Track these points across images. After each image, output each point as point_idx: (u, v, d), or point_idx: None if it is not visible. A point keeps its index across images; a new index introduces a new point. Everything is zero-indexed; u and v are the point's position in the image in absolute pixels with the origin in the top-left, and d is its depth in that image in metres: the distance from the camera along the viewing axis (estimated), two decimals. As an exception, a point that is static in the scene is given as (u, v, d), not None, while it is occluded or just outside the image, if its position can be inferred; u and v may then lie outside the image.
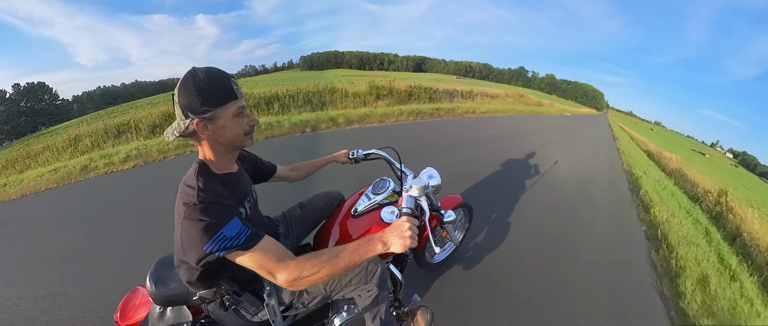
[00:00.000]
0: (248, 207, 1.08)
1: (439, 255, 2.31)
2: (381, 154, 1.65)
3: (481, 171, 4.66)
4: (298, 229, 1.56)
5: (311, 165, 1.66)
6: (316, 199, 1.67)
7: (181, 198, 0.89)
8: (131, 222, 3.12)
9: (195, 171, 0.95)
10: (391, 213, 1.40)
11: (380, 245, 0.94)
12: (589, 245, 3.04)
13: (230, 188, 1.00)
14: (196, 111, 0.87)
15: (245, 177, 1.17)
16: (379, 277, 1.25)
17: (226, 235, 0.83)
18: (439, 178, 1.64)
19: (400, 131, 7.63)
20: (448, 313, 1.99)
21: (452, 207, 1.96)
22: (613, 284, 2.51)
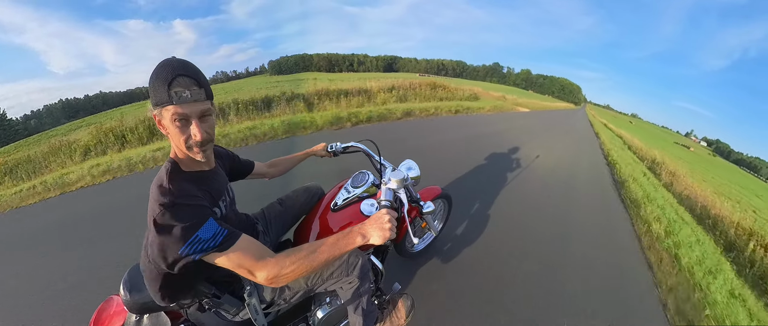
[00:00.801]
0: (224, 207, 1.08)
1: (418, 245, 2.43)
2: (360, 147, 1.70)
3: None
4: (278, 226, 1.59)
5: (290, 160, 1.70)
6: (296, 195, 1.69)
7: (152, 200, 0.87)
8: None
9: (166, 170, 0.93)
10: (370, 205, 1.48)
11: (359, 237, 0.98)
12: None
13: (204, 187, 0.99)
14: (153, 101, 0.87)
15: (221, 174, 1.16)
16: (360, 269, 1.30)
17: (201, 237, 0.84)
18: (418, 170, 1.72)
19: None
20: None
21: (431, 199, 2.07)
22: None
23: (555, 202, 4.11)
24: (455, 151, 5.97)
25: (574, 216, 3.81)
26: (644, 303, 2.51)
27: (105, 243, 2.79)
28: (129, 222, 3.08)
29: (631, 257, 3.17)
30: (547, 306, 2.25)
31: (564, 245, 3.08)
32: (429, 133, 7.47)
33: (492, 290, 2.32)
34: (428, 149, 5.85)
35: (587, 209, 4.21)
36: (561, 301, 2.32)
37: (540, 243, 3.01)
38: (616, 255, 3.13)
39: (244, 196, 1.56)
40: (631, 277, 2.82)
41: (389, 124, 8.19)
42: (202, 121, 0.91)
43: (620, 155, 10.28)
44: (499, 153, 6.12)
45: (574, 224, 3.60)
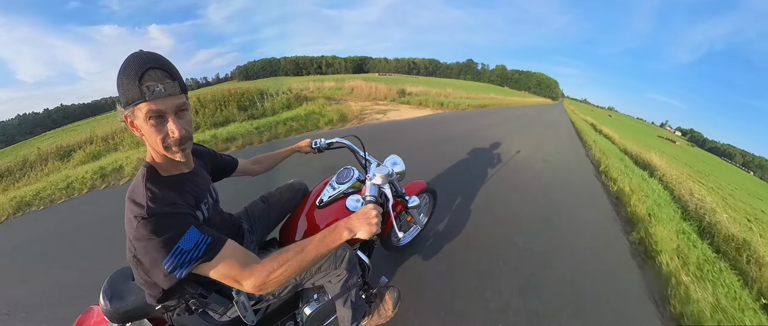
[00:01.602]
0: (206, 209, 1.08)
1: (404, 238, 2.58)
2: (344, 143, 1.77)
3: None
4: (263, 224, 1.62)
5: (274, 156, 1.73)
6: (280, 192, 1.73)
7: (129, 211, 0.86)
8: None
9: (142, 177, 0.92)
10: (356, 201, 1.53)
11: (346, 232, 1.00)
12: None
13: (184, 191, 0.99)
14: (121, 101, 0.84)
15: (202, 175, 1.16)
16: (348, 261, 1.37)
17: (183, 248, 0.83)
18: (402, 165, 1.81)
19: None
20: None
21: (416, 193, 2.21)
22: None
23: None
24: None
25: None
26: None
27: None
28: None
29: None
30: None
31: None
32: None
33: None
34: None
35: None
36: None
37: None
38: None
39: (225, 193, 1.45)
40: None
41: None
42: (179, 116, 0.89)
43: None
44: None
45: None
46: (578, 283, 2.59)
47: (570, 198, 4.56)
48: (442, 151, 6.02)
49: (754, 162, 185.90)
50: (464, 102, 18.79)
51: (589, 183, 5.75)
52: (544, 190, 4.67)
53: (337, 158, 2.40)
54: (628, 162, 9.77)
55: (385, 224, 1.40)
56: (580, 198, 4.69)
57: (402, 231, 1.32)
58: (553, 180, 5.34)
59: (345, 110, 9.75)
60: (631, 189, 5.10)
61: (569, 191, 4.96)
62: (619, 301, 2.47)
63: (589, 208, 4.36)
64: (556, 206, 4.13)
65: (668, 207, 5.39)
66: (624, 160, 10.10)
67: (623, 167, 7.74)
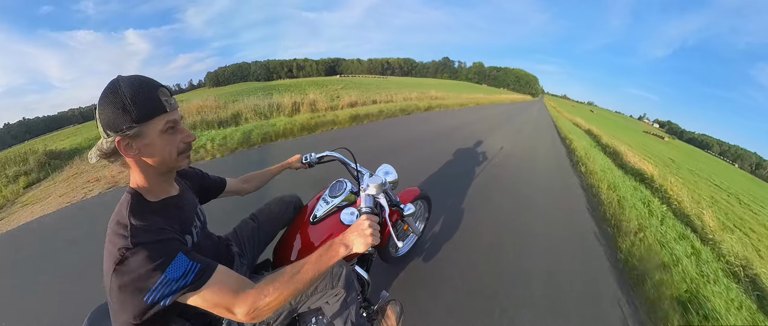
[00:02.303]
0: (196, 233, 1.09)
1: (402, 248, 2.58)
2: (335, 156, 1.79)
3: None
4: (254, 245, 1.60)
5: (264, 174, 1.73)
6: (269, 208, 1.72)
7: (111, 241, 0.84)
8: None
9: (126, 204, 0.91)
10: (350, 214, 1.56)
11: (342, 248, 1.01)
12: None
13: (172, 216, 0.99)
14: (118, 127, 0.85)
15: (189, 198, 1.17)
16: (345, 279, 1.34)
17: (170, 277, 0.81)
18: (395, 174, 1.85)
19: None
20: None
21: (411, 200, 2.22)
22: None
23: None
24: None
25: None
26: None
27: None
28: None
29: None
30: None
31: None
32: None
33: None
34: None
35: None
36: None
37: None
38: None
39: (211, 212, 1.41)
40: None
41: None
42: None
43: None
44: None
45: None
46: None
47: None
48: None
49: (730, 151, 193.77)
50: (429, 104, 16.72)
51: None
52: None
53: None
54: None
55: (382, 235, 1.31)
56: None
57: (400, 240, 1.32)
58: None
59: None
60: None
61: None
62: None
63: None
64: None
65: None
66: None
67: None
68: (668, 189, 7.25)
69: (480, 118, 15.25)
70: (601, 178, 5.93)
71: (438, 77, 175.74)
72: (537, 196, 4.64)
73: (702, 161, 51.92)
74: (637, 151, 17.81)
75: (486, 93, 49.78)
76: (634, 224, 3.86)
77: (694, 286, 2.82)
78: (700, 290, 2.77)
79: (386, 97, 16.25)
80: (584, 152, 8.96)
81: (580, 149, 9.47)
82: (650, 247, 3.32)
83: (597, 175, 6.19)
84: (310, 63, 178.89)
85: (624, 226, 3.77)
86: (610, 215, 4.17)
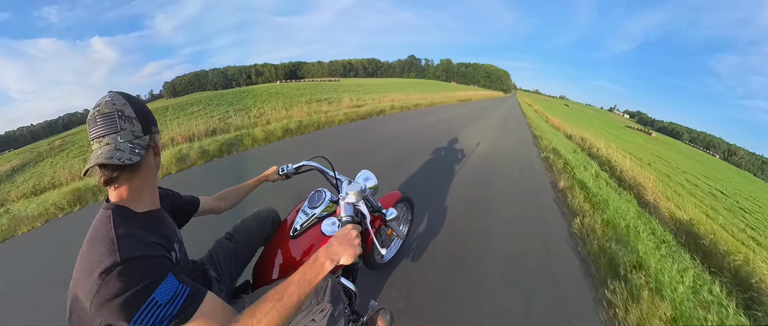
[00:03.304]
0: (178, 250, 1.09)
1: (388, 254, 2.58)
2: (313, 165, 1.84)
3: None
4: (231, 266, 1.59)
5: (240, 189, 1.74)
6: (246, 225, 1.72)
7: (89, 259, 0.81)
8: None
9: (108, 219, 0.89)
10: (331, 224, 1.59)
11: (328, 262, 1.02)
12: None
13: (156, 229, 0.98)
14: (155, 123, 0.99)
15: (167, 215, 1.17)
16: (330, 292, 1.34)
17: (158, 301, 0.78)
18: (375, 179, 1.88)
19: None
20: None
21: (393, 204, 2.27)
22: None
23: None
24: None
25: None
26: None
27: None
28: None
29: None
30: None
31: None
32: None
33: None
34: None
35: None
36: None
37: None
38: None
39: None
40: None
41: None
42: None
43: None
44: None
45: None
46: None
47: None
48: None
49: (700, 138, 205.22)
50: (383, 107, 15.15)
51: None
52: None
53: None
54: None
55: (365, 242, 1.51)
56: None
57: (384, 246, 1.34)
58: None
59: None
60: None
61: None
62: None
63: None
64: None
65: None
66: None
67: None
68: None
69: (437, 121, 12.94)
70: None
71: (405, 77, 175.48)
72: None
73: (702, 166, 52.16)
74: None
75: (450, 90, 47.91)
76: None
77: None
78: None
79: (317, 109, 13.46)
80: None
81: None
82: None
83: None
84: (269, 68, 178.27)
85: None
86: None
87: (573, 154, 9.74)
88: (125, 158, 0.86)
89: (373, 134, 9.19)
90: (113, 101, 0.89)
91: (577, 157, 9.48)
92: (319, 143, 7.87)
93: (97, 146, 0.88)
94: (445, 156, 6.88)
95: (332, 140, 8.25)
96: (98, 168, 0.86)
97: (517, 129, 15.15)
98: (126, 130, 0.89)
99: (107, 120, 0.87)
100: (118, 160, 0.85)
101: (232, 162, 6.06)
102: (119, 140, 0.88)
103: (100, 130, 0.87)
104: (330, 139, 8.31)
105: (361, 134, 9.11)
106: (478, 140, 9.25)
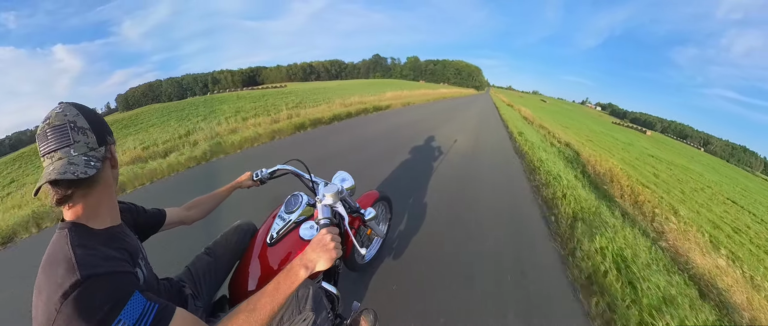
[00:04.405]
0: (144, 267, 1.08)
1: (368, 254, 2.72)
2: (288, 168, 1.91)
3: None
4: (210, 281, 1.60)
5: (212, 197, 1.74)
6: (226, 238, 1.74)
7: (48, 285, 0.79)
8: None
9: (64, 238, 0.86)
10: (309, 228, 1.63)
11: (303, 270, 1.04)
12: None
13: (119, 245, 0.97)
14: (111, 133, 1.00)
15: (130, 231, 1.16)
16: (312, 300, 1.37)
17: (125, 321, 0.77)
18: (351, 180, 1.94)
19: None
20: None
21: (371, 204, 2.37)
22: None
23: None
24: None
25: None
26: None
27: None
28: None
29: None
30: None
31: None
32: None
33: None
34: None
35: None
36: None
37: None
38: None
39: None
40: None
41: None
42: None
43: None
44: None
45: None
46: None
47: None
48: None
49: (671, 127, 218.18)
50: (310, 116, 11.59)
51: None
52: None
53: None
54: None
55: (345, 244, 1.58)
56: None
57: (364, 247, 1.40)
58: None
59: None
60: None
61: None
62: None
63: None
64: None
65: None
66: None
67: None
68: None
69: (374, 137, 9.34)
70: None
71: (370, 77, 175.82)
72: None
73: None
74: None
75: (411, 89, 45.31)
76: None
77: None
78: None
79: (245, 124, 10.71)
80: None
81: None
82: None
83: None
84: (226, 75, 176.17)
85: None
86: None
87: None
88: (80, 172, 0.84)
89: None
90: (64, 112, 0.88)
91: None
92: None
93: (49, 162, 0.86)
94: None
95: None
96: (50, 185, 0.84)
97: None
98: (79, 142, 0.87)
99: (58, 133, 0.86)
100: (73, 174, 0.83)
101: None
102: (73, 153, 0.86)
103: (51, 145, 0.86)
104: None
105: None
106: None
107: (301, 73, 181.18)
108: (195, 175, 5.77)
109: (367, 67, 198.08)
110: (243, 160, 6.75)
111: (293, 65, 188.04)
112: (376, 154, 7.18)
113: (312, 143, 8.50)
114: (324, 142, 8.61)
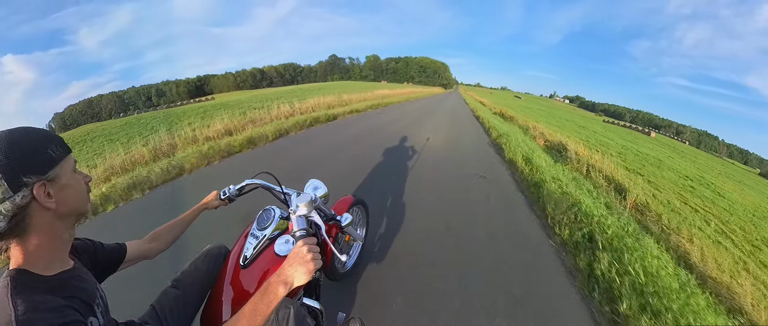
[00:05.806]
0: (100, 314, 1.01)
1: (349, 261, 2.83)
2: (257, 183, 1.90)
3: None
4: (180, 317, 1.53)
5: (176, 224, 1.68)
6: (195, 267, 1.68)
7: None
8: None
9: (5, 288, 0.80)
10: (285, 243, 1.64)
11: (281, 288, 1.04)
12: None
13: (71, 293, 0.92)
14: (36, 171, 0.83)
15: (85, 273, 1.10)
16: (294, 320, 1.33)
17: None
18: (324, 187, 2.01)
19: None
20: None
21: (346, 209, 2.45)
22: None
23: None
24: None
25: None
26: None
27: None
28: None
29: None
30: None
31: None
32: None
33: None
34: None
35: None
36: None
37: None
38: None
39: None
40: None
41: None
42: None
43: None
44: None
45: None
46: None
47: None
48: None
49: (639, 117, 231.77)
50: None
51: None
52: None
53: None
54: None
55: (324, 254, 1.60)
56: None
57: (343, 253, 1.40)
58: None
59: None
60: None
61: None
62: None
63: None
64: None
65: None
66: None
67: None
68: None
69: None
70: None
71: (328, 79, 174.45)
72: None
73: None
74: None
75: (361, 90, 41.74)
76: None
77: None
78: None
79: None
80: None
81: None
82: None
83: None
84: (171, 86, 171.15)
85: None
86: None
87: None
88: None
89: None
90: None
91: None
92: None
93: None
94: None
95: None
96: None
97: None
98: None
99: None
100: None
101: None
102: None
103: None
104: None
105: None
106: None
107: (251, 80, 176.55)
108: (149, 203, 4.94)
109: (324, 69, 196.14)
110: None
111: (241, 71, 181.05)
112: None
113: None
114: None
